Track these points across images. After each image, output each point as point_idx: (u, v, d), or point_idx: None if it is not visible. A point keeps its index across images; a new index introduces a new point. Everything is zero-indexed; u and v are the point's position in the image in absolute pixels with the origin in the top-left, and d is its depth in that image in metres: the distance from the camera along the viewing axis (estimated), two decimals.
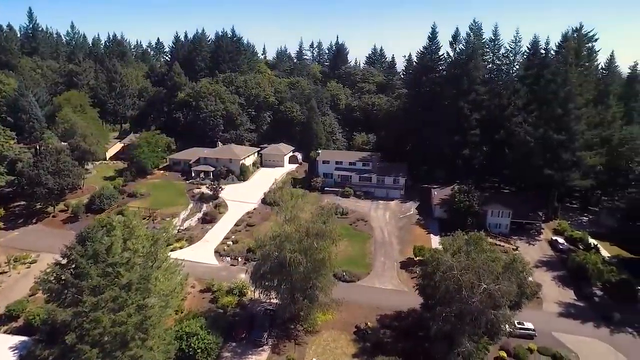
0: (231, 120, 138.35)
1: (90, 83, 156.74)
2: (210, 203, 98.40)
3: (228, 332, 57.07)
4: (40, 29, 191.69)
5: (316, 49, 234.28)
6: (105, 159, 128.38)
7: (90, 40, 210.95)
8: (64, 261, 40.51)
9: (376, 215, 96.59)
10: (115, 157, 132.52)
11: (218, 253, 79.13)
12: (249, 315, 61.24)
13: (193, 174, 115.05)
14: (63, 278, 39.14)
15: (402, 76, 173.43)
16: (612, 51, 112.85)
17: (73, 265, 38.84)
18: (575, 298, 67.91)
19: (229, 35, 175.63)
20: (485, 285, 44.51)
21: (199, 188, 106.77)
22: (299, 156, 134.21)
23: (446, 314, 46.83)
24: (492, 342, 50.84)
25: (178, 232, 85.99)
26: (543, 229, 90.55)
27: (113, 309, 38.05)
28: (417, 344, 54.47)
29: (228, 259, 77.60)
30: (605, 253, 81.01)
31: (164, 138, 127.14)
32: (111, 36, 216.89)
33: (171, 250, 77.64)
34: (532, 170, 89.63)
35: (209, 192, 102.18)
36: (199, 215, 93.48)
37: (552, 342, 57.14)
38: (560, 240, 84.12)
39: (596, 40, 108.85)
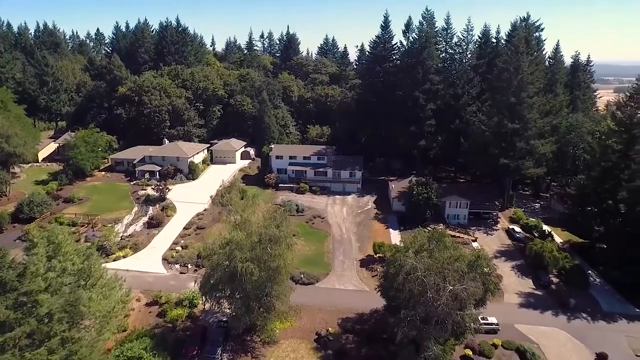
0: (178, 116, 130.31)
1: (17, 77, 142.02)
2: (157, 205, 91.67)
3: (178, 349, 51.90)
4: None
5: (267, 40, 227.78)
6: (37, 161, 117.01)
7: (15, 29, 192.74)
8: None
9: (333, 211, 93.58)
10: (50, 158, 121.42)
11: (166, 260, 73.08)
12: (201, 329, 56.18)
13: (137, 175, 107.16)
14: None
15: (355, 66, 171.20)
16: (558, 41, 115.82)
17: None
18: (534, 287, 68.13)
19: (174, 26, 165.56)
20: (451, 287, 42.20)
21: (145, 189, 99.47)
22: (252, 151, 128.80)
23: (411, 318, 44.23)
24: (458, 342, 49.11)
25: (121, 239, 79.28)
26: (500, 217, 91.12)
27: (31, 346, 32.14)
28: (381, 348, 52.06)
29: (177, 266, 71.87)
30: (558, 239, 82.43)
31: (105, 136, 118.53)
32: (41, 25, 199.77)
33: (114, 260, 71.73)
34: (488, 159, 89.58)
35: (155, 193, 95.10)
36: (145, 219, 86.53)
37: (515, 334, 56.47)
38: (517, 229, 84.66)
39: (542, 29, 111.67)
